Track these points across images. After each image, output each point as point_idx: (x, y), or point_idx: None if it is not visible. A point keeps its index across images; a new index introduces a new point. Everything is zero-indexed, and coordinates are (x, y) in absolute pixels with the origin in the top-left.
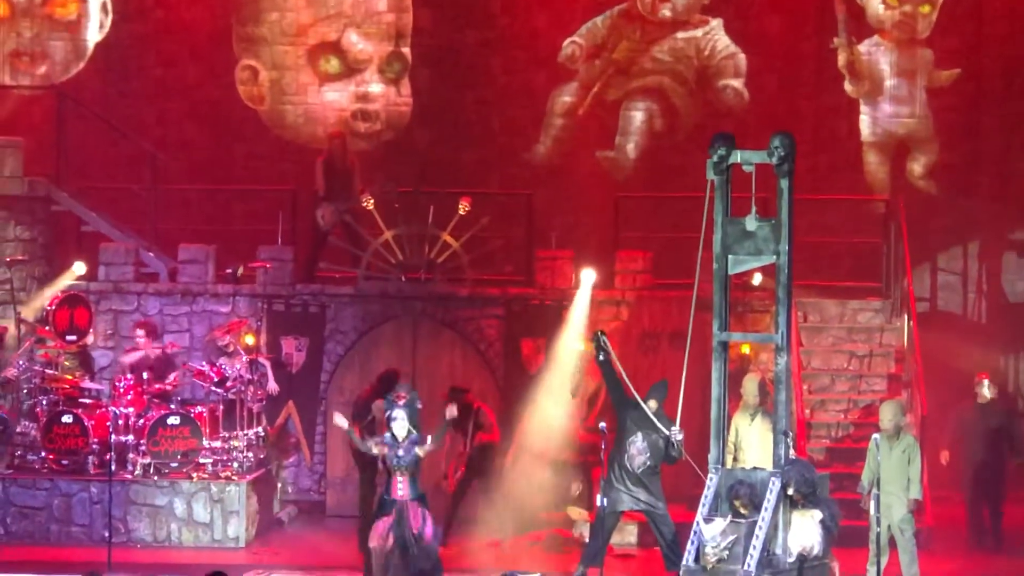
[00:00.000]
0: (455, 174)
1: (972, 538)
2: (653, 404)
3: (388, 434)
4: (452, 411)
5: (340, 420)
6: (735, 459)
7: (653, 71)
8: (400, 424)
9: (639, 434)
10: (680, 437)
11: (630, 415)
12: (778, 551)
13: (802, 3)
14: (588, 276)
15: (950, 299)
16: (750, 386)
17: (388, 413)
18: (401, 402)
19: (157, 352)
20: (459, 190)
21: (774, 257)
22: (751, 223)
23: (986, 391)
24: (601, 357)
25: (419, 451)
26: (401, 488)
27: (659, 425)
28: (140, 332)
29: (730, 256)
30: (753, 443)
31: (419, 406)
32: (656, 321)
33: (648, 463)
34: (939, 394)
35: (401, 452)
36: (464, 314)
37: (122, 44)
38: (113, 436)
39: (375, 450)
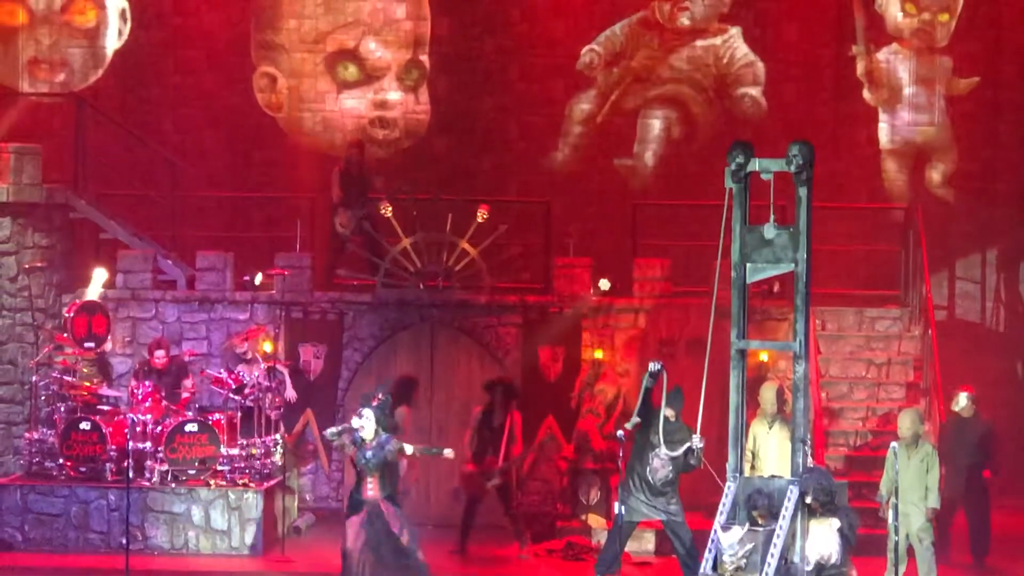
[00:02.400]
0: (473, 182)
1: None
2: (670, 413)
3: (357, 435)
4: (450, 453)
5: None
6: (752, 467)
7: (671, 79)
8: (366, 421)
9: (663, 448)
10: (700, 445)
11: (654, 429)
12: (796, 560)
13: (821, 11)
14: (604, 285)
15: (968, 307)
16: (768, 394)
17: (358, 410)
18: (374, 403)
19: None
20: (477, 198)
21: (792, 265)
22: (769, 231)
23: (963, 404)
24: (650, 384)
25: (388, 454)
26: (371, 488)
27: (660, 439)
28: (160, 352)
29: (749, 264)
30: (771, 451)
31: (389, 413)
32: (674, 329)
33: (670, 476)
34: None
35: (369, 454)
36: (482, 322)
37: (140, 51)
38: (131, 443)
39: (344, 446)
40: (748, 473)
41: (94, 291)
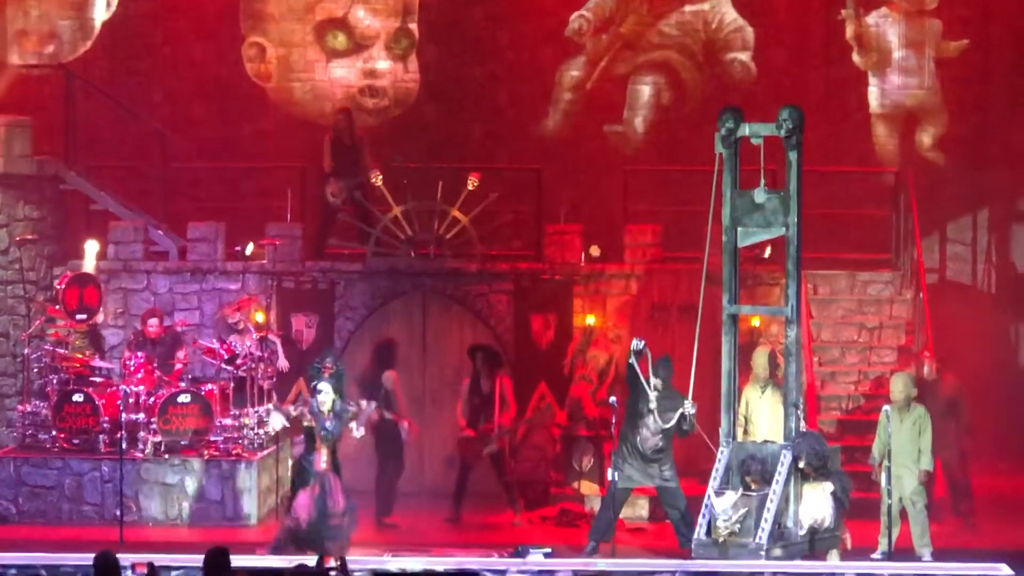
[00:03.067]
0: (463, 150)
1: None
2: (658, 382)
3: (314, 404)
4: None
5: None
6: (745, 432)
7: (661, 45)
8: (325, 396)
9: (649, 418)
10: (693, 411)
11: (644, 399)
12: (789, 524)
13: None
14: (594, 251)
15: (959, 270)
16: (760, 359)
17: (313, 384)
18: (327, 374)
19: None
20: (468, 165)
21: (783, 229)
22: (760, 195)
23: (925, 370)
24: (635, 360)
25: (347, 428)
26: (324, 460)
27: (653, 411)
28: (154, 321)
29: (740, 228)
30: (763, 416)
31: (344, 380)
32: (665, 294)
33: (660, 444)
34: (949, 365)
35: (329, 424)
36: (473, 289)
37: (129, 23)
38: (124, 415)
39: (294, 412)
40: (741, 438)
41: (90, 263)
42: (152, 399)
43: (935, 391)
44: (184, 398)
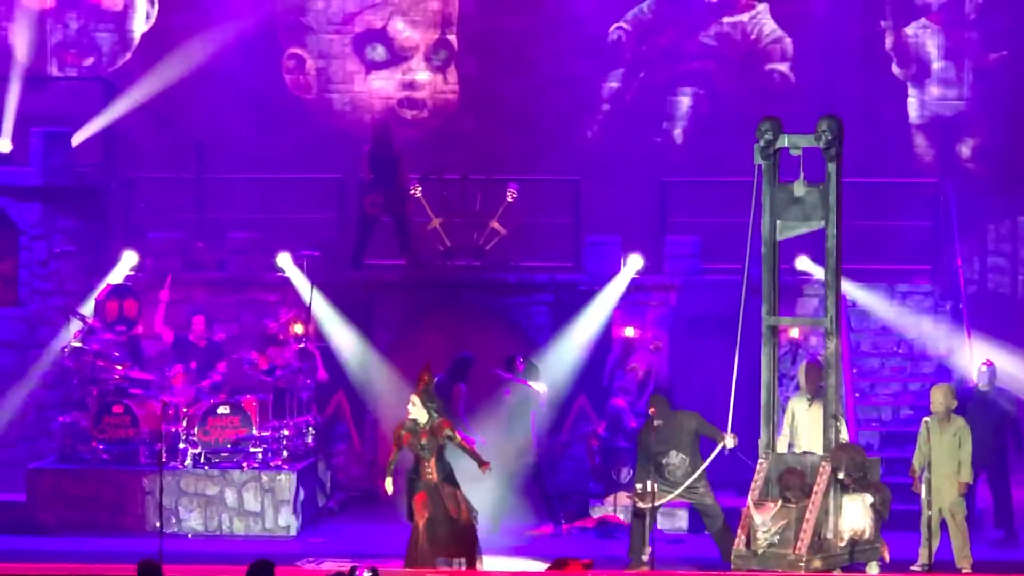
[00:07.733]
0: (502, 161)
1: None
2: (657, 417)
3: (410, 421)
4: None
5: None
6: (791, 444)
7: (700, 56)
8: (416, 411)
9: (671, 452)
10: (733, 445)
11: (653, 439)
12: (829, 535)
13: None
14: (635, 262)
15: (1000, 281)
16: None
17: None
18: (420, 387)
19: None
20: (506, 177)
21: (822, 223)
22: (799, 188)
23: (986, 378)
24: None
25: (442, 441)
26: (429, 471)
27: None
28: (198, 318)
29: (779, 221)
30: (808, 427)
31: (434, 394)
32: (705, 306)
33: (690, 469)
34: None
35: (424, 440)
36: (512, 301)
37: (168, 34)
38: (163, 426)
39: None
40: (785, 448)
41: (120, 275)
42: (191, 410)
43: (989, 402)
44: (223, 409)
